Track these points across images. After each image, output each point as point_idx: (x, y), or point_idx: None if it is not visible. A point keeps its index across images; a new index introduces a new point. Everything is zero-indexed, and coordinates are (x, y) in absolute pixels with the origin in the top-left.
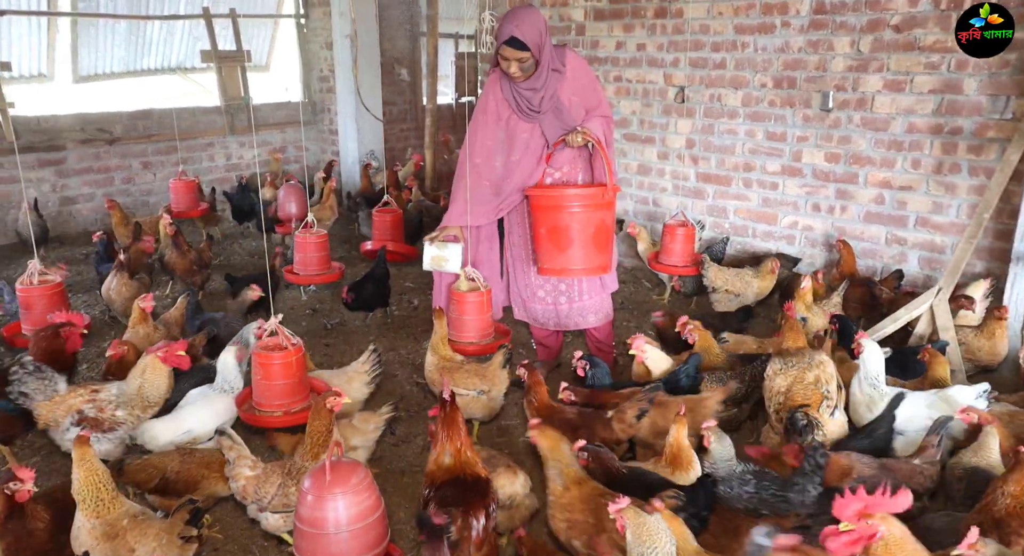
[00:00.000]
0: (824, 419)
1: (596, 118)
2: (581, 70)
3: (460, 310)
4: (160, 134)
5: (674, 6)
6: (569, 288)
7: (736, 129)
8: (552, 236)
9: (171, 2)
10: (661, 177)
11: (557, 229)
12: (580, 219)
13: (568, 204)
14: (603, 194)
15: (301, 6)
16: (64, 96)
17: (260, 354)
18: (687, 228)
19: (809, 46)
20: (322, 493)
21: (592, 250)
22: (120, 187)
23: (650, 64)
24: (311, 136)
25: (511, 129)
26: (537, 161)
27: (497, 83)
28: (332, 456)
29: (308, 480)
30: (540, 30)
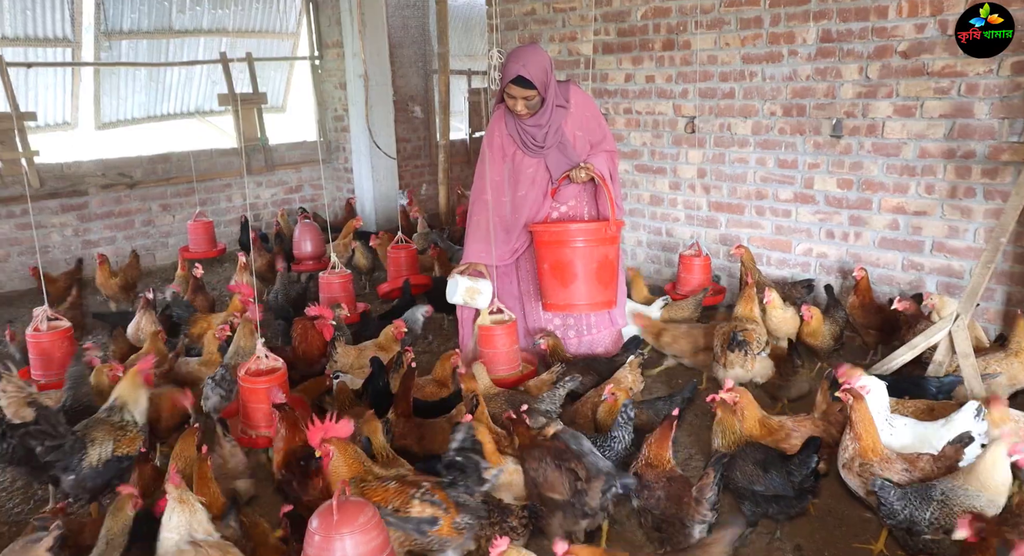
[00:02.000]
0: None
1: (601, 153)
2: (585, 105)
3: (491, 344)
4: (179, 177)
5: (682, 38)
6: (577, 322)
7: (747, 158)
8: (555, 271)
9: (190, 48)
10: (673, 207)
11: (560, 264)
12: (583, 254)
13: (571, 239)
14: (606, 229)
15: (315, 48)
16: (87, 143)
17: (246, 379)
18: (703, 258)
19: (817, 74)
20: (330, 532)
21: (596, 285)
22: (140, 230)
23: (659, 95)
24: (326, 175)
25: (516, 164)
26: (543, 196)
27: (502, 119)
28: (340, 496)
29: (316, 520)
30: (546, 68)
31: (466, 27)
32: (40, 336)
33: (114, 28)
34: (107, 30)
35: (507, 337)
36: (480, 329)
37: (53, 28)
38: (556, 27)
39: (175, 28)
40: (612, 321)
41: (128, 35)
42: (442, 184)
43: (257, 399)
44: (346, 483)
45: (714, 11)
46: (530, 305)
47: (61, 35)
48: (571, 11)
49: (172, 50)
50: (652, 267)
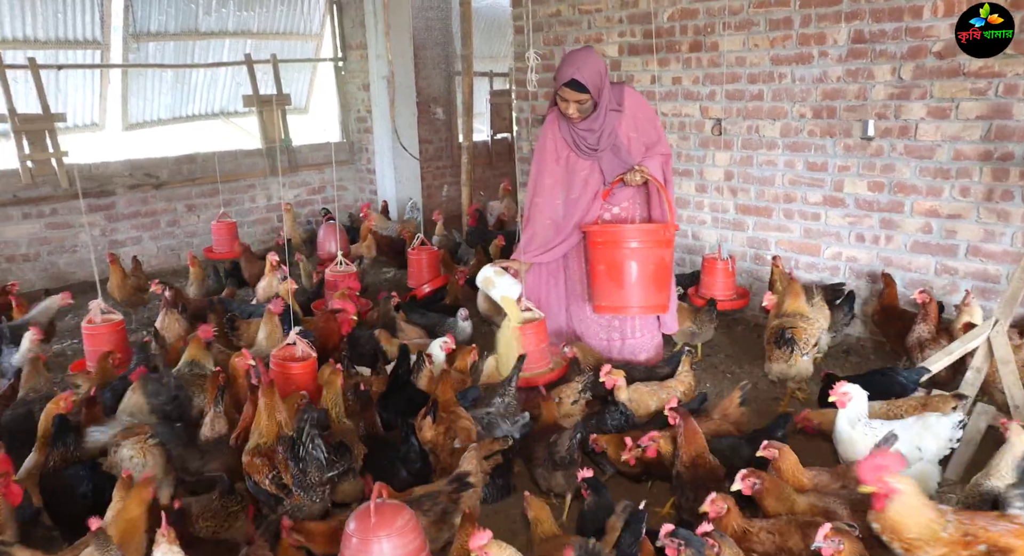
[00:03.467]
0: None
1: (656, 156)
2: (640, 107)
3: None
4: (203, 177)
5: (709, 39)
6: (622, 324)
7: (775, 160)
8: (610, 273)
9: (215, 50)
10: (700, 210)
11: (615, 266)
12: (640, 256)
13: (627, 240)
14: (663, 231)
15: (339, 50)
16: (114, 143)
17: (277, 363)
18: (726, 261)
19: (848, 75)
20: (367, 535)
21: (651, 288)
22: (165, 230)
23: (686, 97)
24: (349, 176)
25: (570, 167)
26: (595, 198)
27: (555, 122)
28: (377, 498)
29: (353, 522)
30: (600, 72)
31: (488, 29)
32: (94, 328)
33: (142, 30)
34: (135, 32)
35: (536, 335)
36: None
37: (83, 31)
38: (581, 29)
39: (201, 30)
40: (658, 326)
41: (155, 37)
42: (465, 185)
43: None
44: (384, 487)
45: (743, 12)
46: (576, 305)
47: (91, 37)
48: (596, 12)
49: (198, 52)
50: (676, 270)
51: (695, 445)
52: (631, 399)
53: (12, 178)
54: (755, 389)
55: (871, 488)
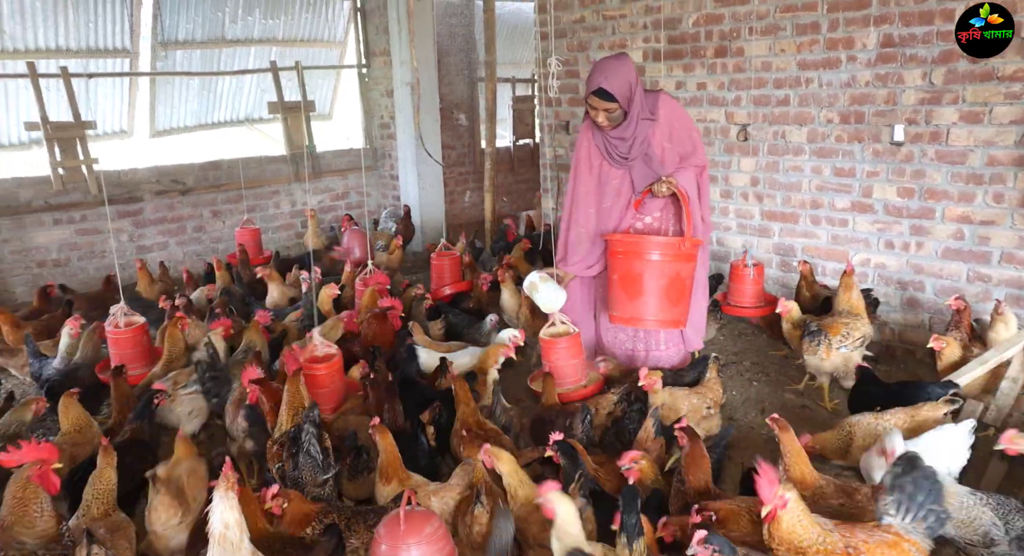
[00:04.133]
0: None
1: (689, 168)
2: (676, 117)
3: (553, 356)
4: (229, 183)
5: (734, 45)
6: (647, 336)
7: (802, 166)
8: (624, 283)
9: (241, 57)
10: (725, 216)
11: (630, 276)
12: (653, 268)
13: (643, 252)
14: (680, 245)
15: (363, 57)
16: (142, 150)
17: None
18: (756, 268)
19: (877, 80)
20: (396, 543)
21: (664, 302)
22: (191, 235)
23: (711, 103)
24: (372, 182)
25: (603, 176)
26: (627, 208)
27: (589, 130)
28: (406, 505)
29: (382, 528)
30: (630, 82)
31: (511, 35)
32: (118, 332)
33: (170, 39)
34: (163, 40)
35: (570, 350)
36: (542, 342)
37: (113, 39)
38: (606, 35)
39: (227, 38)
40: (684, 341)
41: (183, 45)
42: (487, 191)
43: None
44: (412, 494)
45: (769, 17)
46: (604, 316)
47: (120, 46)
48: (621, 18)
49: (224, 59)
50: None
51: (702, 470)
52: (665, 403)
53: (44, 185)
54: (782, 400)
55: (768, 507)
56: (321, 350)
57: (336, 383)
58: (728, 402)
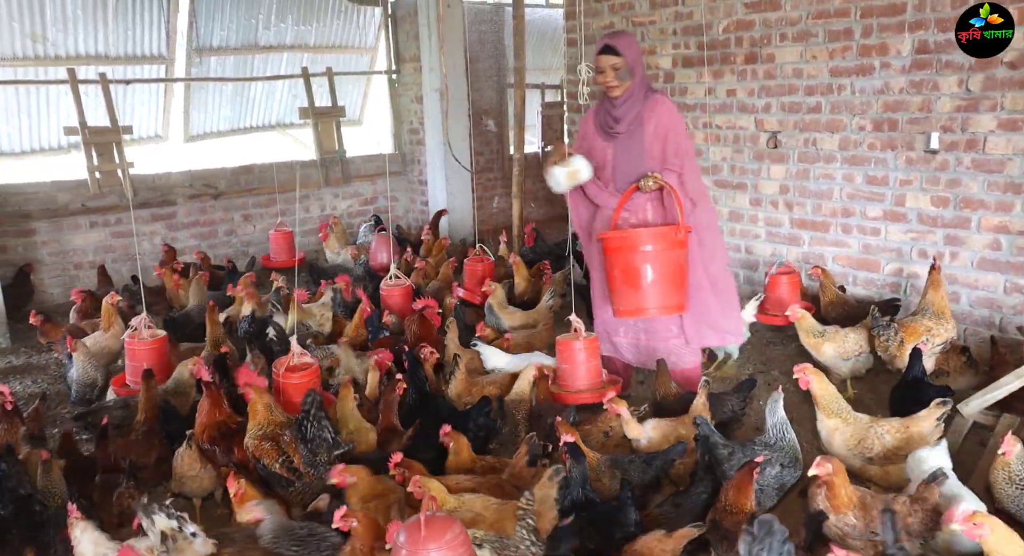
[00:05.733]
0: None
1: (672, 172)
2: (670, 119)
3: (569, 359)
4: (260, 188)
5: (765, 51)
6: (648, 325)
7: (833, 174)
8: (626, 277)
9: (273, 63)
10: (754, 224)
11: (631, 269)
12: (653, 258)
13: (640, 244)
14: (675, 233)
15: (393, 63)
16: (176, 155)
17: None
18: (792, 275)
19: (912, 87)
20: (416, 548)
21: (668, 289)
22: (223, 239)
23: (740, 110)
24: (401, 187)
25: (590, 147)
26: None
27: (592, 114)
28: (427, 510)
29: (403, 534)
30: (635, 49)
31: (540, 42)
32: (135, 344)
33: (204, 45)
34: (198, 47)
35: (587, 352)
36: (559, 343)
37: (150, 46)
38: None
39: (260, 44)
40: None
41: (217, 51)
42: (516, 197)
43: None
44: (434, 499)
45: (800, 23)
46: (601, 307)
47: (157, 53)
48: (650, 25)
49: (257, 65)
50: None
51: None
52: (650, 438)
53: (81, 188)
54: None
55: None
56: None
57: None
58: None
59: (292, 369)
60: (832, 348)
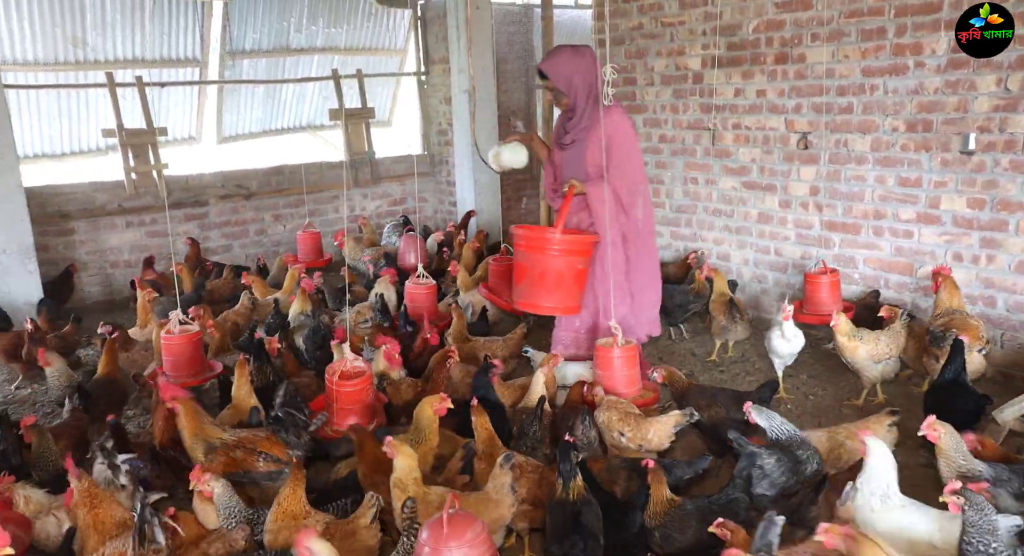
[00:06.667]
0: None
1: (603, 183)
2: (620, 133)
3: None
4: (290, 188)
5: (796, 51)
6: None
7: (865, 175)
8: (528, 272)
9: (304, 66)
10: (783, 226)
11: (534, 266)
12: (555, 261)
13: (517, 242)
14: (544, 236)
15: (422, 64)
16: (209, 156)
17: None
18: (831, 275)
19: (947, 87)
20: (438, 545)
21: (564, 290)
22: (253, 239)
23: (770, 110)
24: (429, 187)
25: (555, 158)
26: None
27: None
28: (449, 509)
29: (425, 531)
30: (566, 66)
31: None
32: (171, 339)
33: (237, 48)
34: (231, 50)
35: (627, 359)
36: (597, 350)
37: (185, 50)
38: (664, 41)
39: (292, 47)
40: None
41: (249, 54)
42: (543, 198)
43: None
44: (456, 497)
45: (832, 23)
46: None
47: (191, 56)
48: (680, 25)
49: (288, 68)
50: (757, 286)
51: None
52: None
53: (118, 189)
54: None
55: None
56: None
57: (366, 400)
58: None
59: (345, 375)
60: (865, 351)
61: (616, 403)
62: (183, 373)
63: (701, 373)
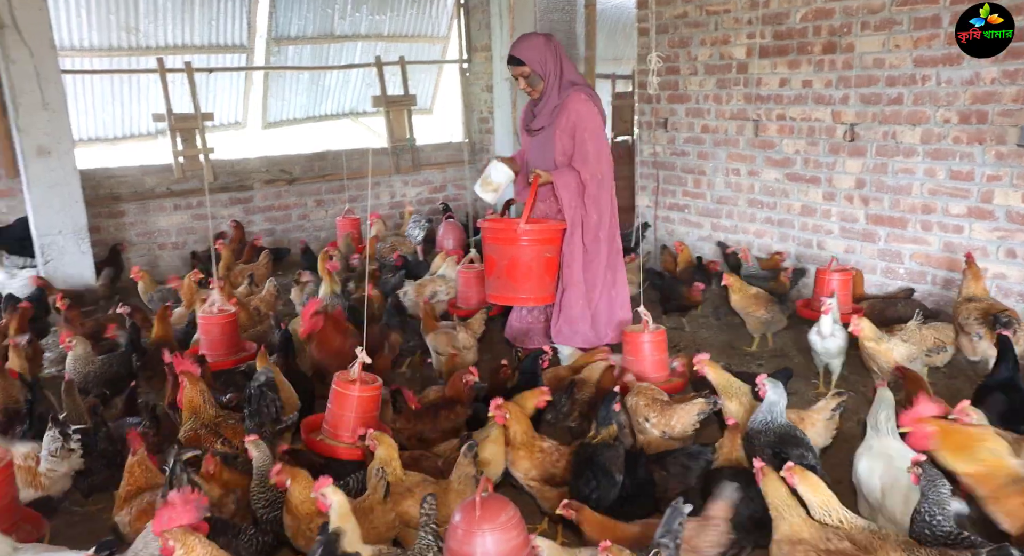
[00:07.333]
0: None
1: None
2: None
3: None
4: (333, 174)
5: (844, 41)
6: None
7: (913, 168)
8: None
9: (348, 53)
10: (827, 219)
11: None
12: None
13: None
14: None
15: (465, 52)
16: (254, 141)
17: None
18: (844, 273)
19: (1005, 77)
20: (471, 527)
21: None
22: (296, 223)
23: (816, 101)
24: (470, 175)
25: (524, 144)
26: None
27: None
28: (483, 492)
29: (459, 514)
30: (540, 51)
31: (612, 31)
32: (209, 318)
33: (283, 34)
34: (277, 36)
35: (655, 345)
36: (625, 336)
37: (232, 36)
38: (708, 30)
39: (336, 34)
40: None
41: (295, 41)
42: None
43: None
44: (488, 481)
45: (883, 11)
46: None
47: (238, 42)
48: (725, 13)
49: (332, 54)
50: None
51: None
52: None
53: (166, 173)
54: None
55: None
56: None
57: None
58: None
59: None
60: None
61: (645, 389)
62: (219, 352)
63: (739, 365)
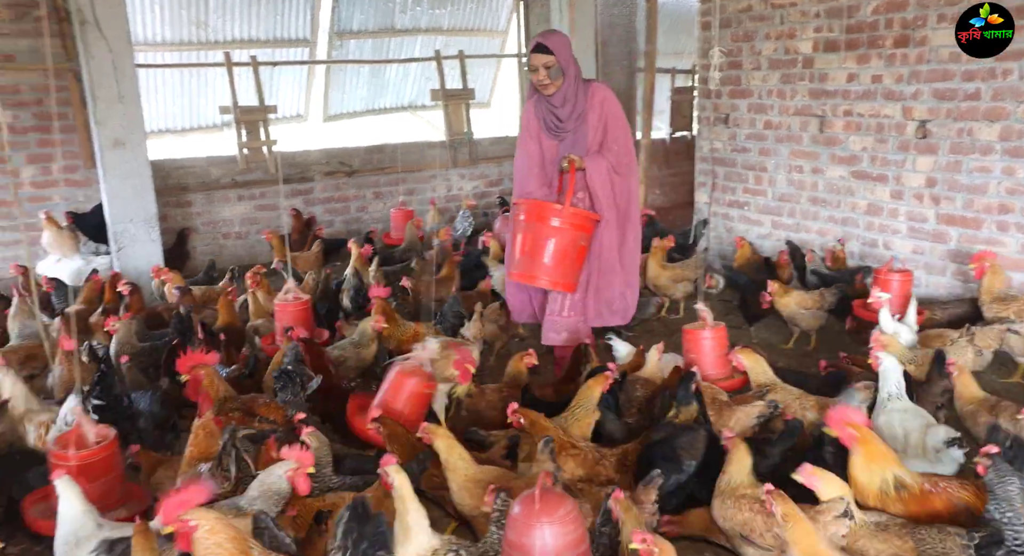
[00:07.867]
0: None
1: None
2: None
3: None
4: (391, 167)
5: (918, 34)
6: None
7: (990, 166)
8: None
9: (408, 46)
10: (894, 218)
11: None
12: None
13: (517, 212)
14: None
15: (524, 46)
16: (315, 133)
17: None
18: (903, 274)
19: None
20: (530, 520)
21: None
22: (354, 215)
23: (886, 97)
24: None
25: (538, 145)
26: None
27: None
28: (543, 485)
29: (518, 506)
30: (568, 48)
31: (673, 25)
32: (285, 305)
33: (345, 28)
34: (339, 30)
35: (716, 342)
36: (685, 333)
37: (295, 30)
38: (773, 24)
39: (396, 27)
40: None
41: (356, 35)
42: (641, 183)
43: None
44: (548, 476)
45: (962, 2)
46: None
47: (301, 36)
48: (791, 7)
49: (392, 48)
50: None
51: None
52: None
53: (231, 164)
54: None
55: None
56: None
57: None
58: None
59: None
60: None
61: (705, 388)
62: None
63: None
